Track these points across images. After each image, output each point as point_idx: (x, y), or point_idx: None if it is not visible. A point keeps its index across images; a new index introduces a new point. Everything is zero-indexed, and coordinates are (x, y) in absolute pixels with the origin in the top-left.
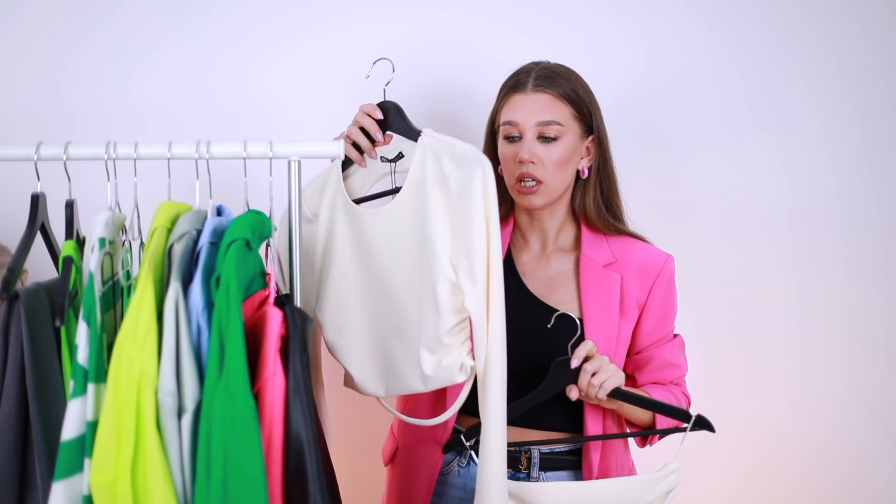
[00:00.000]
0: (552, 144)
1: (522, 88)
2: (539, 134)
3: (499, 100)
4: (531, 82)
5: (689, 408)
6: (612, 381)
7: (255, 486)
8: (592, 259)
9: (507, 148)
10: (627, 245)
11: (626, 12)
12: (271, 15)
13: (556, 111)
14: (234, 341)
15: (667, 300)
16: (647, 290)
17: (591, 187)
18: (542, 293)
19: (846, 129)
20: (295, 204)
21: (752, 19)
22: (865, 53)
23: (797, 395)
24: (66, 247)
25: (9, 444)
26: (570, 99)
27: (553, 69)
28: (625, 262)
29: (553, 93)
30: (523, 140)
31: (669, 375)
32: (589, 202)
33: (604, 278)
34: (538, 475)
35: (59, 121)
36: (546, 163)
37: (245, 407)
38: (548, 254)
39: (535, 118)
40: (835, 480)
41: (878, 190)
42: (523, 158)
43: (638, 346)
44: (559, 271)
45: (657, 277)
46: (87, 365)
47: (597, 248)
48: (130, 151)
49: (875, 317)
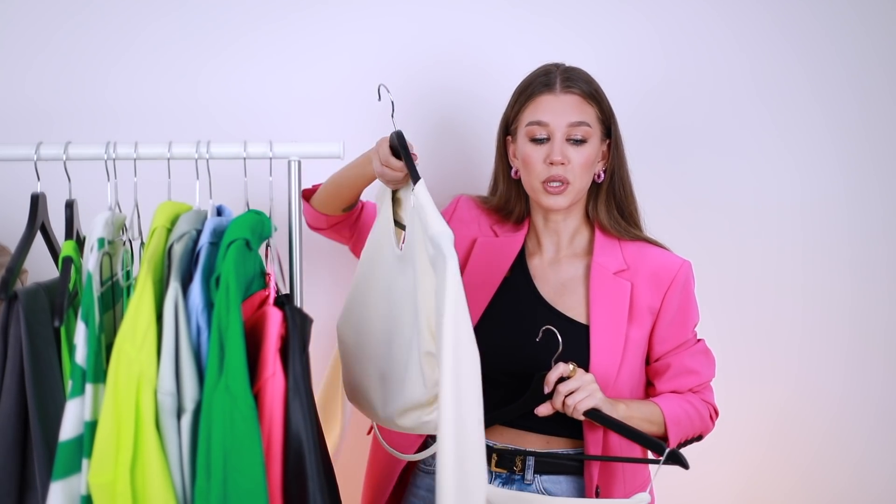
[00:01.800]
0: (581, 146)
1: (551, 89)
2: (568, 136)
3: (521, 101)
4: (559, 83)
5: (714, 418)
6: (587, 403)
7: (255, 487)
8: (603, 266)
9: (534, 149)
10: (641, 251)
11: (623, 16)
12: (272, 15)
13: (585, 112)
14: (234, 341)
15: (683, 306)
16: (661, 296)
17: (605, 191)
18: (552, 298)
19: (854, 129)
20: (295, 204)
21: (761, 19)
22: (869, 53)
23: (801, 388)
24: (66, 247)
25: (8, 444)
26: (595, 101)
27: (577, 71)
28: (637, 268)
29: (582, 94)
30: (553, 141)
31: (688, 383)
32: (602, 207)
33: (614, 286)
34: (533, 478)
35: (59, 121)
36: (574, 165)
37: (245, 407)
38: (560, 258)
39: (566, 119)
40: (838, 474)
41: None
42: (555, 160)
43: (655, 354)
44: (570, 277)
45: (671, 284)
46: (86, 365)
47: (609, 254)
48: (130, 151)
49: (877, 315)
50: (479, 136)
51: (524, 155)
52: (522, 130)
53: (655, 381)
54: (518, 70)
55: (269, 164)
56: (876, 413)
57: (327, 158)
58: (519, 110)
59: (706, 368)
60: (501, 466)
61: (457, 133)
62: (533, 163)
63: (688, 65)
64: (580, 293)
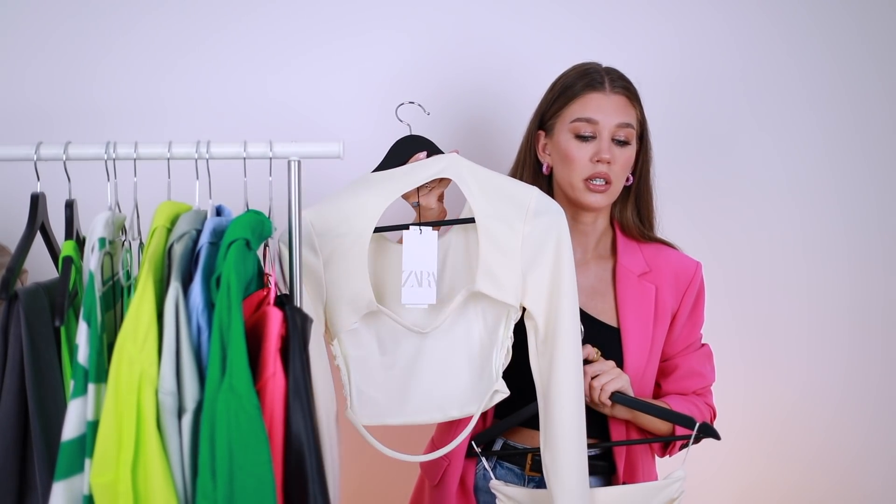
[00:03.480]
0: (625, 147)
1: (601, 88)
2: (614, 136)
3: (568, 96)
4: (609, 83)
5: (713, 420)
6: (615, 384)
7: (263, 486)
8: (628, 268)
9: (579, 146)
10: (660, 252)
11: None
12: (273, 15)
13: (630, 114)
14: (236, 341)
15: (696, 308)
16: (680, 298)
17: (632, 195)
18: (583, 301)
19: (846, 124)
20: (295, 204)
21: (760, 21)
22: (861, 50)
23: (803, 385)
24: (66, 247)
25: (8, 444)
26: (638, 104)
27: (620, 73)
28: (659, 270)
29: (629, 96)
30: (599, 139)
31: (694, 385)
32: (628, 209)
33: (639, 289)
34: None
35: (59, 121)
36: (617, 165)
37: (250, 407)
38: (587, 261)
39: (615, 119)
40: (837, 471)
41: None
42: (604, 158)
43: (666, 354)
44: (598, 279)
45: (689, 286)
46: (88, 365)
47: (631, 256)
48: (130, 151)
49: (874, 306)
50: (502, 137)
51: (566, 151)
52: (566, 126)
53: (662, 381)
54: (532, 70)
55: (269, 164)
56: (874, 406)
57: (327, 158)
58: (562, 106)
59: (710, 372)
60: (535, 470)
61: (492, 136)
62: (577, 159)
63: (690, 65)
64: (609, 296)
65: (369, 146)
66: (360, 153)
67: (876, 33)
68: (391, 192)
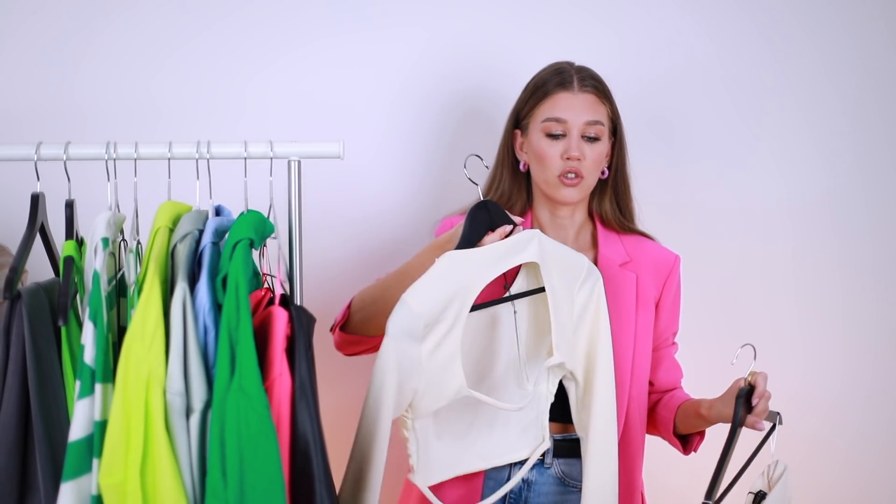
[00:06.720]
0: (594, 143)
1: (569, 87)
2: (584, 133)
3: (537, 96)
4: (577, 82)
5: None
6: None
7: (273, 486)
8: (609, 258)
9: (550, 144)
10: (640, 244)
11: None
12: (274, 19)
13: (600, 112)
14: (245, 341)
15: (675, 299)
16: (660, 288)
17: (609, 187)
18: None
19: (837, 129)
20: (295, 204)
21: (742, 23)
22: (850, 54)
23: (797, 390)
24: (67, 247)
25: (10, 443)
26: (608, 100)
27: (591, 70)
28: (639, 260)
29: (597, 94)
30: (569, 137)
31: (677, 377)
32: (606, 201)
33: (621, 278)
34: (552, 461)
35: (59, 121)
36: (588, 161)
37: (260, 406)
38: None
39: (583, 117)
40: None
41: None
42: (573, 155)
43: (653, 345)
44: None
45: (668, 276)
46: (94, 365)
47: (612, 247)
48: (130, 151)
49: (867, 312)
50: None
51: (539, 150)
52: (537, 126)
53: (651, 374)
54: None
55: (269, 164)
56: (868, 406)
57: (327, 158)
58: (534, 105)
59: (680, 366)
60: None
61: (480, 133)
62: (549, 157)
63: (674, 68)
64: None
65: (369, 146)
66: (359, 153)
67: (862, 29)
68: (487, 276)
